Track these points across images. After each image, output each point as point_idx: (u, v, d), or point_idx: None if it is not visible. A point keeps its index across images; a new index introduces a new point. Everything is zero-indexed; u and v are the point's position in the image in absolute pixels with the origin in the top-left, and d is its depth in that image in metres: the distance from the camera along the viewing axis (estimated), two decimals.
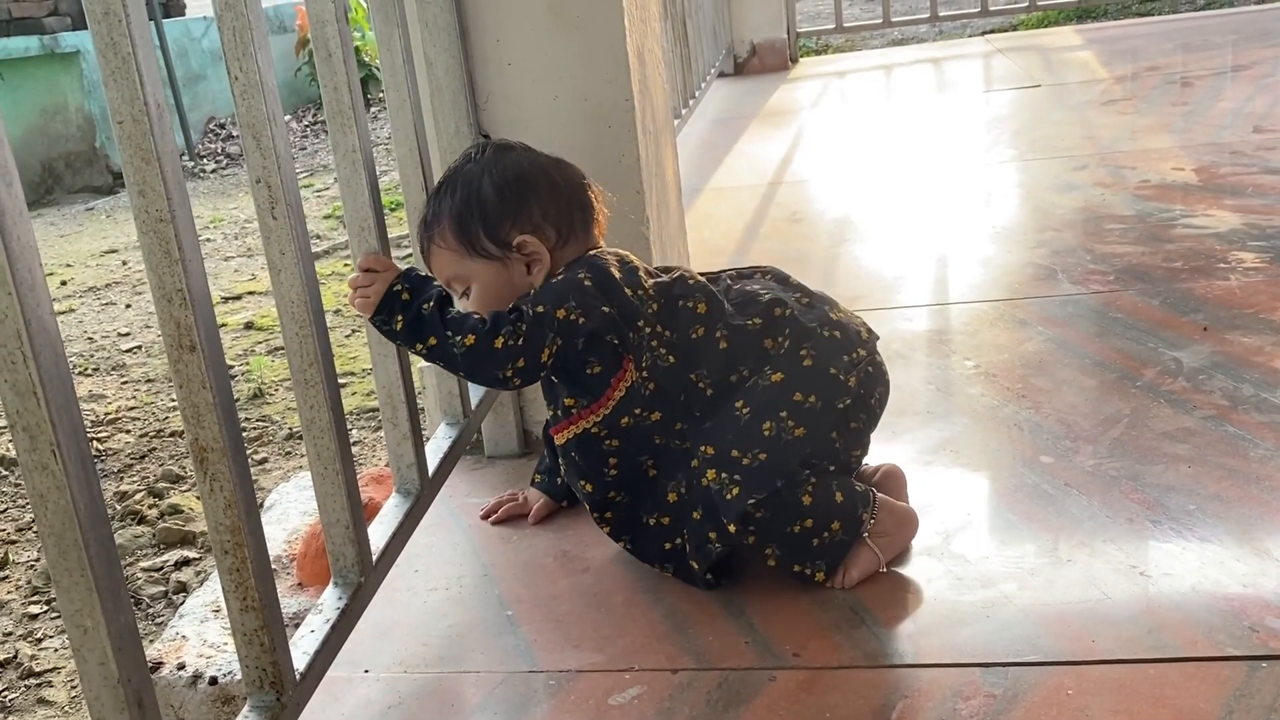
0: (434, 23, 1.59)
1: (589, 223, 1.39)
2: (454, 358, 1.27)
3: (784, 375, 1.30)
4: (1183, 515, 1.36)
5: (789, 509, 1.28)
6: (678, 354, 1.32)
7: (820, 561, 1.29)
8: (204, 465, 0.97)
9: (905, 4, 8.07)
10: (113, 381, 3.60)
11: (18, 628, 2.33)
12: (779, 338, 1.33)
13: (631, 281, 1.32)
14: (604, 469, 1.36)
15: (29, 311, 0.75)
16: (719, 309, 1.34)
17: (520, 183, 1.36)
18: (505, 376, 1.28)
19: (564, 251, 1.37)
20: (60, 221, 6.44)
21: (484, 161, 1.37)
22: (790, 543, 1.29)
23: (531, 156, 1.39)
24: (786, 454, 1.27)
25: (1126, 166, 2.96)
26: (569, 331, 1.28)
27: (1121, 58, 4.62)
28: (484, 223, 1.34)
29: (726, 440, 1.28)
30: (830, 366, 1.31)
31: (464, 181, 1.36)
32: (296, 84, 8.53)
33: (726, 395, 1.32)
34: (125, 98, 0.87)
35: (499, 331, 1.26)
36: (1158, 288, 2.09)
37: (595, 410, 1.34)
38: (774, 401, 1.29)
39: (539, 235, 1.35)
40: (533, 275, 1.35)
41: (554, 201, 1.36)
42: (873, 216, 2.87)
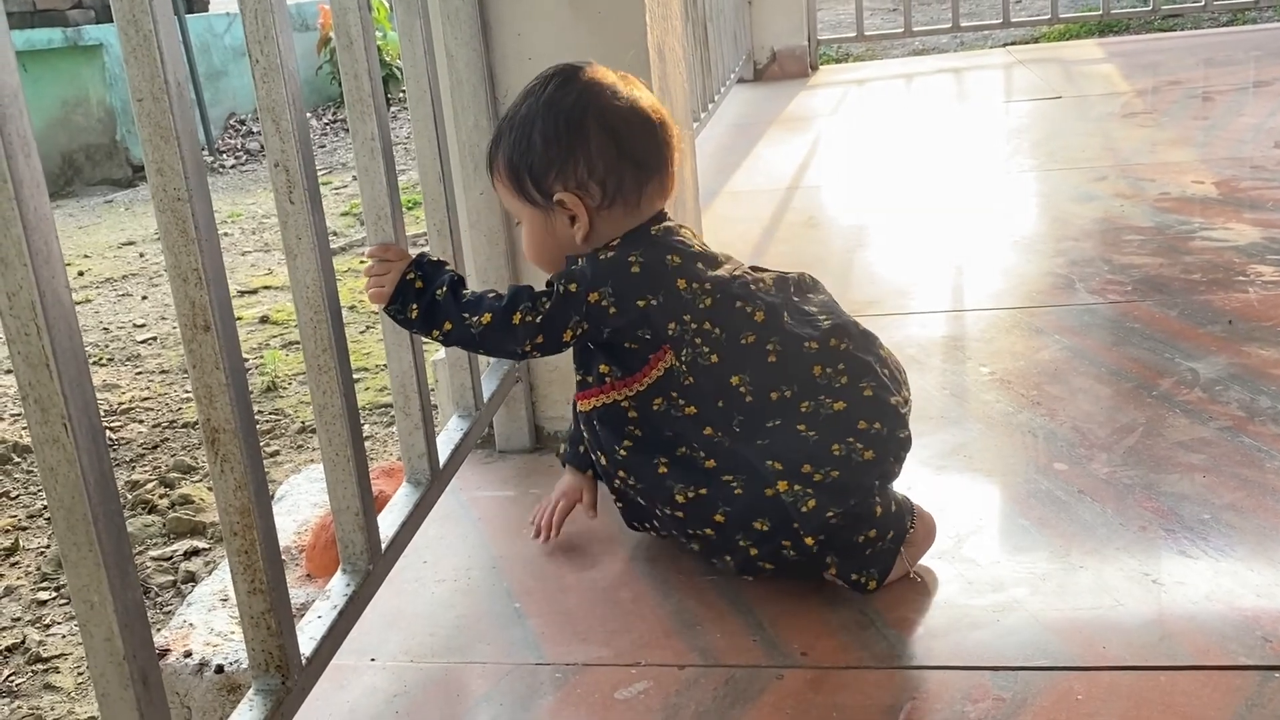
0: (456, 15, 1.59)
1: (643, 184, 1.30)
2: (472, 338, 1.26)
3: (847, 405, 1.26)
4: (1197, 524, 1.35)
5: (860, 520, 1.27)
6: (722, 354, 1.26)
7: (873, 569, 1.28)
8: (215, 446, 0.97)
9: (927, 14, 8.07)
10: (127, 372, 3.61)
11: (26, 613, 2.33)
12: (831, 368, 1.27)
13: (688, 272, 1.27)
14: (617, 447, 1.32)
15: (44, 284, 0.75)
16: (777, 322, 1.28)
17: (570, 134, 1.28)
18: (524, 351, 1.27)
19: (610, 213, 1.30)
20: (79, 213, 6.46)
21: (543, 101, 1.30)
22: (851, 551, 1.27)
23: (595, 99, 1.29)
24: (860, 474, 1.26)
25: (1146, 179, 2.95)
26: (597, 318, 1.25)
27: (1143, 71, 4.60)
28: (530, 171, 1.30)
29: (796, 457, 1.24)
30: (891, 398, 1.28)
31: (520, 122, 1.31)
32: (318, 82, 8.55)
33: (765, 410, 1.26)
34: (146, 75, 0.88)
35: (516, 307, 1.25)
36: (1175, 299, 2.08)
37: (629, 384, 1.30)
38: (840, 427, 1.25)
39: (581, 193, 1.29)
40: (575, 231, 1.30)
41: (603, 158, 1.28)
42: (889, 223, 2.87)
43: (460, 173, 1.64)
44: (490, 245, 1.67)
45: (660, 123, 1.32)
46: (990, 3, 8.18)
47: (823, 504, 1.24)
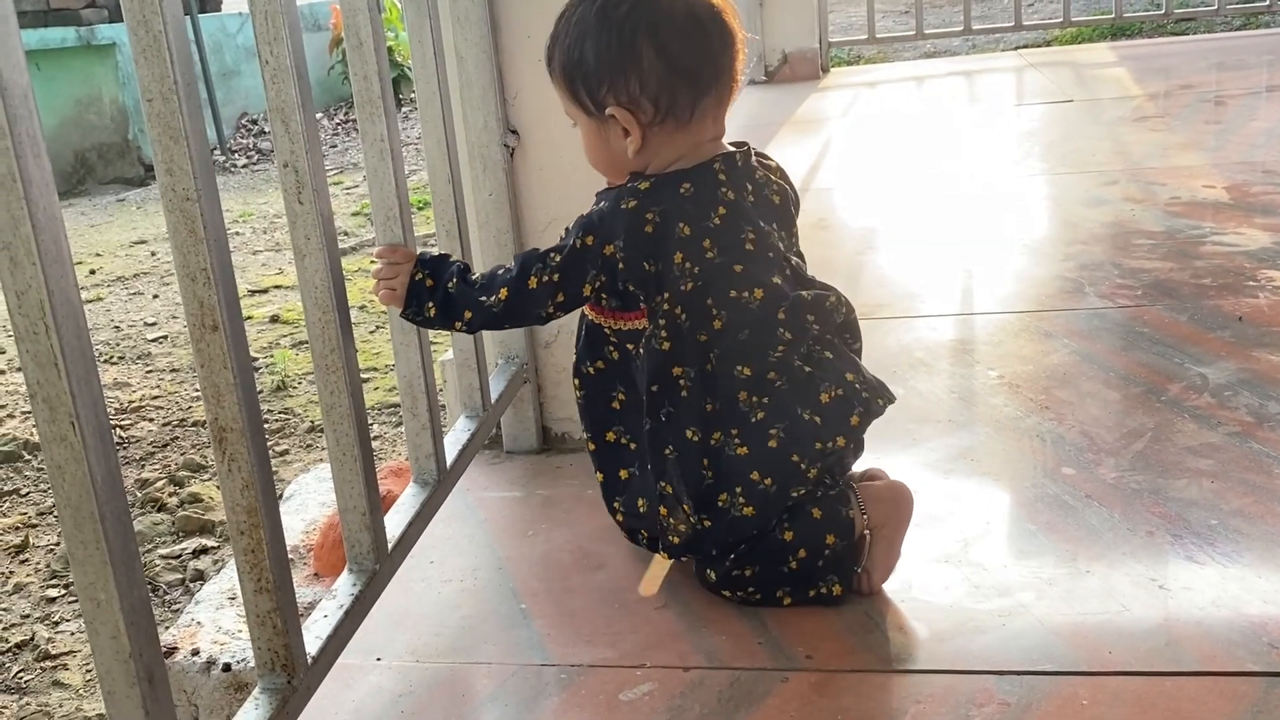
0: (466, 17, 1.59)
1: (696, 99, 1.25)
2: (495, 317, 1.26)
3: (748, 451, 1.25)
4: (1204, 530, 1.35)
5: (775, 553, 1.26)
6: (675, 343, 1.25)
7: (832, 576, 1.27)
8: (223, 445, 0.98)
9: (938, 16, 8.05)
10: (137, 370, 3.62)
11: (35, 610, 2.34)
12: (756, 398, 1.25)
13: (689, 248, 1.23)
14: (589, 362, 1.33)
15: (53, 283, 0.75)
16: (730, 336, 1.25)
17: (623, 47, 1.23)
18: (547, 314, 1.27)
19: (662, 128, 1.26)
20: (91, 211, 6.48)
21: (598, 6, 1.25)
22: (793, 578, 1.27)
23: (650, 10, 1.24)
24: (735, 528, 1.26)
25: (1157, 183, 2.94)
26: (612, 271, 1.23)
27: (1155, 75, 4.59)
28: (584, 81, 1.26)
29: (681, 484, 1.26)
30: (795, 453, 1.24)
31: (575, 27, 1.26)
32: (329, 82, 8.57)
33: (691, 415, 1.25)
34: (155, 75, 0.88)
35: (529, 273, 1.24)
36: (1185, 304, 2.08)
37: (614, 317, 1.29)
38: (732, 472, 1.25)
39: (633, 108, 1.25)
40: (627, 144, 1.27)
41: (655, 74, 1.23)
42: (899, 226, 2.86)
43: (469, 173, 1.64)
44: (499, 246, 1.67)
45: (719, 28, 1.26)
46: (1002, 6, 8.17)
47: (688, 528, 1.27)
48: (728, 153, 1.30)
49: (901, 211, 3.01)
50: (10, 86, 0.72)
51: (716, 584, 1.30)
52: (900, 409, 1.75)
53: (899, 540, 1.30)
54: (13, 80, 0.72)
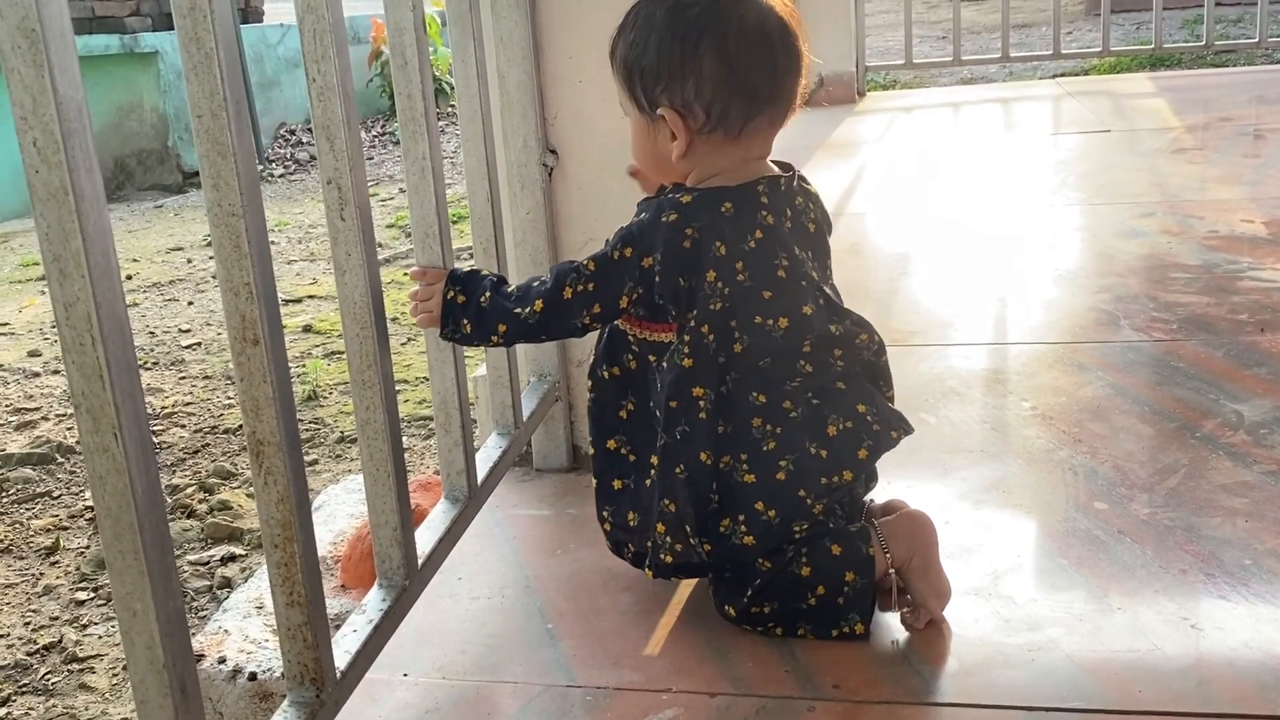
0: (509, 37, 1.60)
1: (750, 116, 1.24)
2: (530, 329, 1.27)
3: (755, 479, 1.25)
4: (1238, 570, 1.34)
5: (794, 587, 1.26)
6: (697, 361, 1.24)
7: (854, 615, 1.26)
8: (260, 458, 0.98)
9: (976, 43, 8.05)
10: (171, 376, 3.65)
11: (64, 613, 2.36)
12: (770, 425, 1.25)
13: (722, 267, 1.22)
14: (606, 367, 1.33)
15: (100, 295, 0.76)
16: (750, 360, 1.25)
17: (685, 50, 1.22)
18: (584, 324, 1.27)
19: (710, 138, 1.25)
20: (129, 217, 6.55)
21: (668, 6, 1.24)
22: (813, 615, 1.26)
23: (720, 18, 1.22)
24: (735, 553, 1.26)
25: (1194, 216, 2.92)
26: (649, 283, 1.24)
27: (1194, 107, 4.57)
28: (641, 76, 1.25)
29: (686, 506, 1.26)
30: (803, 488, 1.24)
31: (644, 21, 1.25)
32: (367, 95, 8.64)
33: (705, 438, 1.25)
34: (205, 92, 0.89)
35: (564, 283, 1.25)
36: (1221, 339, 2.06)
37: (641, 326, 1.29)
38: (739, 499, 1.25)
39: (685, 113, 1.24)
40: (673, 147, 1.26)
41: (713, 83, 1.22)
42: (933, 253, 2.86)
43: (508, 191, 1.65)
44: (535, 264, 1.68)
45: (787, 48, 1.25)
46: (1040, 34, 8.16)
47: (685, 550, 1.27)
48: (773, 176, 1.30)
49: (935, 238, 3.00)
50: (66, 101, 0.73)
51: (736, 619, 1.29)
52: (932, 438, 1.76)
53: (934, 566, 1.28)
54: (68, 95, 0.73)
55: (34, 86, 0.72)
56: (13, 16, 0.71)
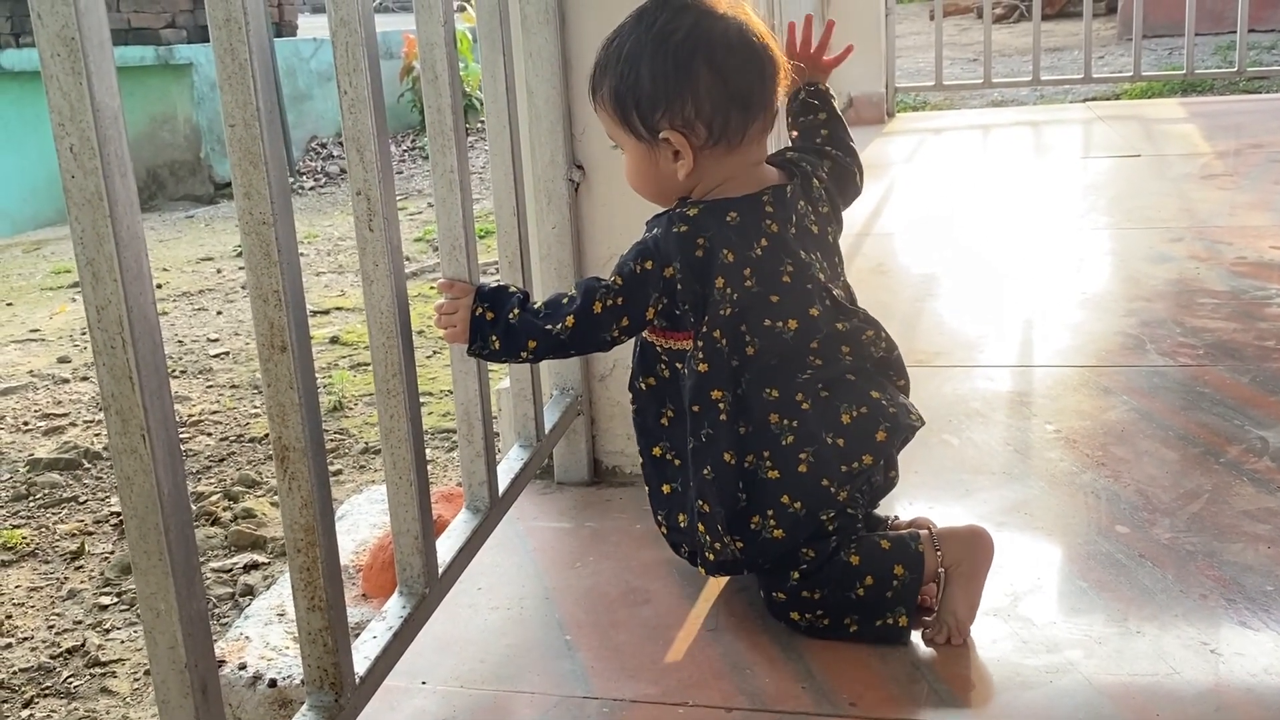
0: (539, 53, 1.62)
1: (748, 123, 1.28)
2: (561, 345, 1.29)
3: (780, 475, 1.28)
4: (1259, 595, 1.33)
5: (843, 578, 1.28)
6: (712, 365, 1.28)
7: (900, 608, 1.27)
8: (285, 464, 1.00)
9: (1007, 66, 8.04)
10: (198, 385, 3.68)
11: (88, 617, 2.38)
12: (786, 420, 1.28)
13: (731, 273, 1.26)
14: (642, 379, 1.36)
15: (132, 299, 0.78)
16: (762, 361, 1.28)
17: (679, 71, 1.25)
18: (613, 338, 1.30)
19: (713, 151, 1.28)
20: (161, 227, 6.61)
21: (654, 33, 1.27)
22: (861, 607, 1.28)
23: (706, 35, 1.26)
24: (765, 549, 1.29)
25: (1223, 242, 2.91)
26: (673, 292, 1.27)
27: (1225, 133, 4.55)
28: (637, 107, 1.28)
29: (716, 503, 1.28)
30: (826, 478, 1.27)
31: (629, 55, 1.28)
32: (399, 109, 8.70)
33: (728, 439, 1.28)
34: (239, 102, 0.91)
35: (593, 298, 1.27)
36: (1248, 365, 2.06)
37: (666, 336, 1.33)
38: (767, 494, 1.28)
39: (688, 132, 1.27)
40: (678, 167, 1.29)
41: (710, 97, 1.26)
42: (960, 274, 2.85)
43: (534, 206, 1.67)
44: (560, 278, 1.69)
45: (769, 54, 1.29)
46: (1071, 57, 8.14)
47: (722, 548, 1.29)
48: (778, 185, 1.32)
49: (962, 260, 3.00)
50: (103, 109, 0.75)
51: (785, 605, 1.31)
52: (955, 459, 1.76)
53: (979, 582, 1.30)
54: (105, 103, 0.75)
55: (72, 93, 0.74)
56: (53, 24, 0.73)
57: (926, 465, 1.73)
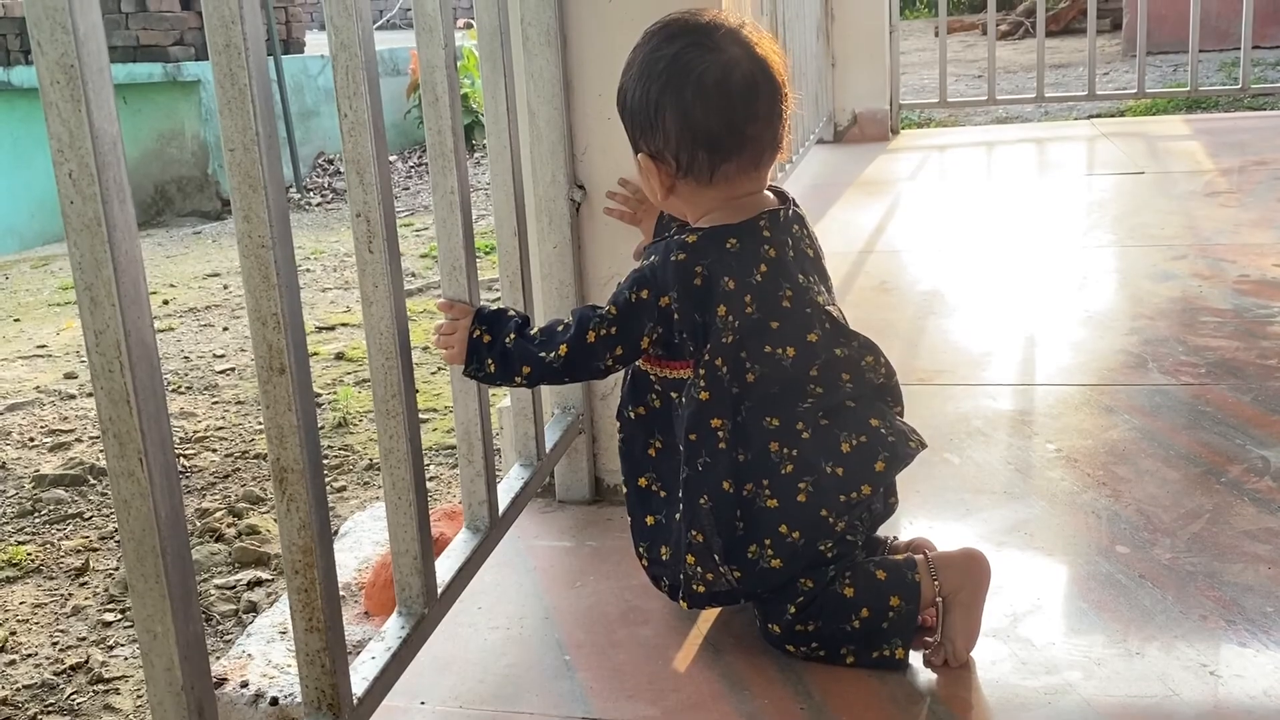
0: (540, 74, 1.63)
1: (714, 165, 1.27)
2: (555, 373, 1.29)
3: (778, 504, 1.28)
4: (1259, 617, 1.33)
5: (837, 610, 1.27)
6: (713, 394, 1.27)
7: (896, 639, 1.27)
8: (283, 485, 1.00)
9: (1012, 82, 8.05)
10: (204, 401, 3.69)
11: (92, 633, 2.39)
12: (786, 449, 1.28)
13: (731, 301, 1.25)
14: (632, 407, 1.36)
15: (130, 323, 0.78)
16: (763, 389, 1.27)
17: (649, 103, 1.26)
18: (606, 366, 1.30)
19: (685, 183, 1.29)
20: (168, 243, 6.64)
21: (644, 56, 1.28)
22: (858, 637, 1.28)
23: (682, 74, 1.24)
24: (764, 578, 1.28)
25: (1226, 260, 2.91)
26: (668, 322, 1.26)
27: (1229, 150, 4.55)
28: (628, 125, 1.32)
29: (712, 535, 1.28)
30: (824, 509, 1.27)
31: (626, 69, 1.31)
32: (406, 126, 8.73)
33: (726, 468, 1.27)
34: (238, 127, 0.91)
35: (587, 327, 1.27)
36: (1250, 384, 2.05)
37: (662, 365, 1.32)
38: (763, 524, 1.28)
39: (659, 161, 1.29)
40: (654, 188, 1.31)
41: (675, 135, 1.26)
42: (963, 291, 2.86)
43: (535, 226, 1.67)
44: (561, 298, 1.70)
45: (750, 97, 1.25)
46: (1076, 73, 8.16)
47: (715, 578, 1.29)
48: (772, 210, 1.32)
49: (965, 277, 3.00)
50: (101, 135, 0.75)
51: (780, 638, 1.30)
52: (956, 478, 1.76)
53: (978, 608, 1.29)
54: (103, 129, 0.76)
55: (71, 120, 0.74)
56: (52, 52, 0.73)
57: (928, 484, 1.73)
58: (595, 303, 1.60)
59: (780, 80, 1.28)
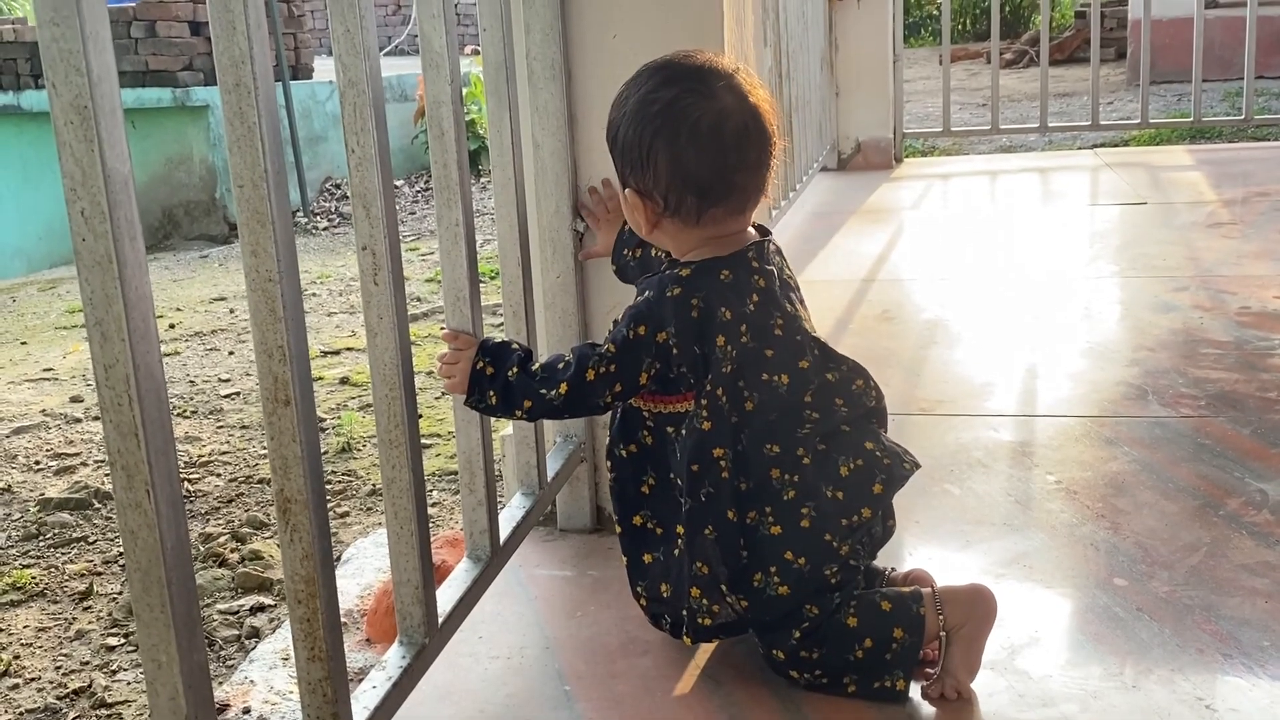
0: (545, 108, 1.65)
1: (702, 208, 1.29)
2: (555, 409, 1.30)
3: (782, 530, 1.29)
4: (1256, 651, 1.34)
5: (840, 639, 1.28)
6: (715, 423, 1.28)
7: (898, 671, 1.28)
8: (286, 515, 1.01)
9: (1015, 111, 8.09)
10: (209, 425, 3.71)
11: (95, 658, 2.39)
12: (787, 475, 1.29)
13: (729, 331, 1.27)
14: (622, 445, 1.37)
15: (139, 358, 0.80)
16: (762, 418, 1.29)
17: (642, 144, 1.28)
18: (606, 403, 1.31)
19: (672, 221, 1.31)
20: (175, 267, 6.67)
21: (637, 96, 1.30)
22: (859, 667, 1.28)
23: (675, 118, 1.26)
24: (770, 606, 1.30)
25: (1227, 291, 2.93)
26: (666, 357, 1.28)
27: (1232, 181, 4.57)
28: (618, 160, 1.34)
29: (718, 566, 1.29)
30: (828, 534, 1.29)
31: (617, 105, 1.33)
32: (412, 150, 8.78)
33: (729, 499, 1.29)
34: (247, 164, 0.93)
35: (587, 365, 1.28)
36: (1249, 417, 2.06)
37: (657, 401, 1.33)
38: (768, 552, 1.29)
39: (646, 198, 1.30)
40: (640, 222, 1.33)
41: (665, 177, 1.28)
42: (965, 321, 2.87)
43: (539, 255, 1.69)
44: (564, 327, 1.71)
45: (742, 145, 1.28)
46: (1080, 103, 8.19)
47: (722, 609, 1.30)
48: (757, 242, 1.34)
49: (968, 307, 3.01)
50: (113, 174, 0.77)
51: (784, 664, 1.31)
52: (956, 509, 1.77)
53: (980, 642, 1.30)
54: (115, 169, 0.77)
55: (84, 160, 0.76)
56: (67, 94, 0.75)
57: (928, 515, 1.74)
58: (597, 332, 1.62)
59: (770, 129, 1.31)
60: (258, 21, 0.92)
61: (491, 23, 1.49)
